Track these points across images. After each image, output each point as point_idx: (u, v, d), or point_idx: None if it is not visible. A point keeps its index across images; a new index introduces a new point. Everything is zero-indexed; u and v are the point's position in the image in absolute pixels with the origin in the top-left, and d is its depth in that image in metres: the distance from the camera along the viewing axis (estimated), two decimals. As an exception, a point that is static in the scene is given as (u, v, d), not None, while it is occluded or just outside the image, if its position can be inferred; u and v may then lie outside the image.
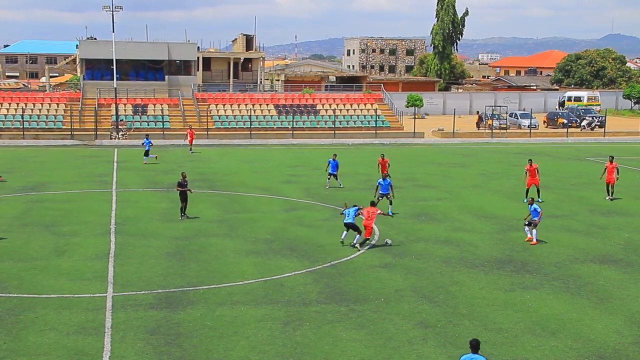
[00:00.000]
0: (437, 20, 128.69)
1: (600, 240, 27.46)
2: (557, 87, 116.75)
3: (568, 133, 70.62)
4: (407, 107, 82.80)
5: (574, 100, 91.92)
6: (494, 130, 69.77)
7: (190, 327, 18.11)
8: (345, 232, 26.16)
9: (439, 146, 62.01)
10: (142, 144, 48.82)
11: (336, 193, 36.65)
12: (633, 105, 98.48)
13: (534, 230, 26.92)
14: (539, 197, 34.40)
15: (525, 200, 33.59)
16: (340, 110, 72.47)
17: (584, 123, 77.04)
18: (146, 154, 47.87)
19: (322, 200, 35.01)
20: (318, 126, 69.21)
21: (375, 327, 18.26)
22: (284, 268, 23.38)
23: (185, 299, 20.17)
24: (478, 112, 77.86)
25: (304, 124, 69.15)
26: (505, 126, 73.52)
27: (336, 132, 67.25)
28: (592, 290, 21.29)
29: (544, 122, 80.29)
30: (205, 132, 65.04)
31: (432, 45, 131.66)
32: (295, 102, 74.07)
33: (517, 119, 77.35)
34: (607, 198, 36.02)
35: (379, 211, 26.35)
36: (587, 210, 33.20)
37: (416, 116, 78.32)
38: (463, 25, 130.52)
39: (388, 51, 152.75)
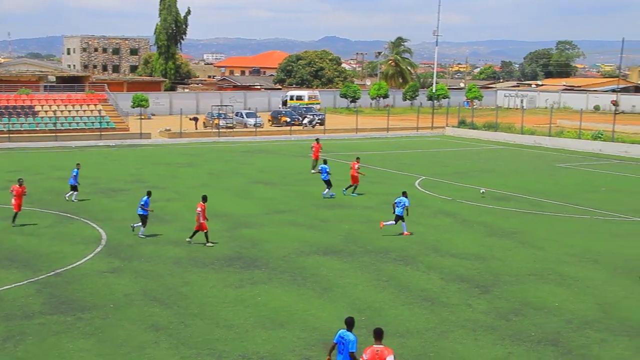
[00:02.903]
0: (160, 20, 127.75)
1: (323, 233, 28.85)
2: (280, 87, 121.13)
3: (291, 131, 73.50)
4: (133, 107, 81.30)
5: (296, 99, 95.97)
6: (221, 130, 70.66)
7: None
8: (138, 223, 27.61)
9: (167, 146, 61.58)
10: None
11: (59, 198, 34.97)
12: (349, 103, 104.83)
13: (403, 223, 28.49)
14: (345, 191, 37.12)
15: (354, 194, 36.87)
16: (62, 111, 69.18)
17: (305, 121, 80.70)
18: None
19: (44, 206, 33.22)
20: (38, 129, 65.42)
21: (104, 334, 17.68)
22: (3, 280, 21.86)
23: None
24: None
25: (21, 127, 65.00)
26: (231, 125, 74.72)
27: (58, 134, 63.94)
28: (316, 281, 22.31)
29: (269, 120, 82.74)
30: None
31: (156, 45, 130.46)
32: (11, 104, 69.42)
33: (243, 118, 78.96)
34: (312, 172, 42.31)
35: (199, 208, 26.50)
36: (311, 204, 34.72)
37: (142, 117, 77.09)
38: (186, 25, 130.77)
39: (111, 50, 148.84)
